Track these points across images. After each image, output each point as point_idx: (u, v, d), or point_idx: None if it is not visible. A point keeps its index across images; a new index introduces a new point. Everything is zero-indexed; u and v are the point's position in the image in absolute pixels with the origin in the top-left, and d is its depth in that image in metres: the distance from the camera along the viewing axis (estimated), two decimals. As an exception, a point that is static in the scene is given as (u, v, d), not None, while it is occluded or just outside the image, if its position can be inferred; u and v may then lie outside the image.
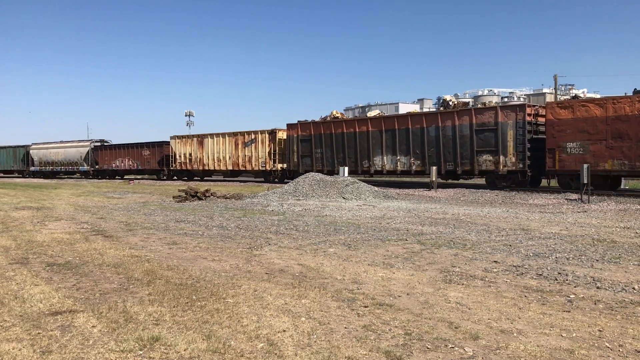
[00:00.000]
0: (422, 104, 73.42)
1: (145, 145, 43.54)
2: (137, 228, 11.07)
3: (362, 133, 27.40)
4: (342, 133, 28.39)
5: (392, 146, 26.14)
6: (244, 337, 4.17)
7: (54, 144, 53.09)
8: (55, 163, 51.22)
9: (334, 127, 28.98)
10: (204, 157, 37.82)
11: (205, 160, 37.67)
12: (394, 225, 11.28)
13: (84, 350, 3.90)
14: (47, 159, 52.07)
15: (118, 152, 45.88)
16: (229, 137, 36.20)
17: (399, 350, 3.87)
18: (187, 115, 62.02)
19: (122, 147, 45.56)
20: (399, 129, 25.80)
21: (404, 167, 25.84)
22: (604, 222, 11.70)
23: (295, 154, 30.83)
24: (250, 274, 6.51)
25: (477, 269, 6.71)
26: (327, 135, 29.22)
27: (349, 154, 27.95)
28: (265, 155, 33.65)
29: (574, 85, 63.09)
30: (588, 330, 4.34)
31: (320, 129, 29.58)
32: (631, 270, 6.64)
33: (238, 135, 35.58)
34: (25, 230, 10.73)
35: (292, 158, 31.09)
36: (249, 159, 34.74)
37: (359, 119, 29.56)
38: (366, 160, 27.28)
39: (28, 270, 6.75)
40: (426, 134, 24.77)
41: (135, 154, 43.97)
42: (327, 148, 29.16)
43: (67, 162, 50.37)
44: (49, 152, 52.24)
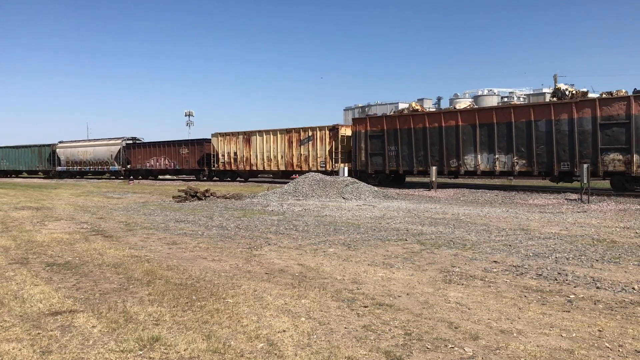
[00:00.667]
0: (422, 103, 73.39)
1: (184, 143, 40.62)
2: (137, 228, 11.07)
3: (449, 128, 23.91)
4: (423, 128, 24.84)
5: (489, 143, 22.68)
6: (244, 337, 4.17)
7: (82, 142, 50.36)
8: (84, 163, 48.33)
9: (413, 122, 25.28)
10: (251, 156, 34.74)
11: (252, 160, 34.57)
12: (393, 225, 11.28)
13: (84, 350, 3.90)
14: (75, 158, 49.12)
15: (153, 150, 42.73)
16: (281, 134, 32.99)
17: (399, 350, 3.87)
18: (187, 115, 62.06)
19: (158, 145, 42.54)
20: (497, 123, 22.35)
21: (504, 167, 22.40)
22: (603, 222, 11.70)
23: (363, 152, 27.30)
24: (250, 274, 6.51)
25: (477, 269, 6.71)
26: (405, 130, 25.60)
27: (432, 152, 24.54)
28: (325, 154, 30.42)
29: (574, 85, 63.10)
30: (588, 330, 4.34)
31: (395, 123, 26.04)
32: (631, 270, 6.64)
33: (292, 132, 32.42)
34: (25, 230, 10.73)
35: (359, 157, 27.55)
36: (305, 158, 31.50)
37: (445, 112, 25.58)
38: (454, 159, 23.86)
39: (28, 270, 6.75)
40: (534, 129, 21.27)
41: (172, 153, 41.00)
42: (403, 145, 25.62)
43: (96, 161, 47.42)
44: (77, 151, 49.23)
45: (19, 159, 54.02)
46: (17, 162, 54.20)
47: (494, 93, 66.46)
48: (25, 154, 53.95)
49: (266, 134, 34.02)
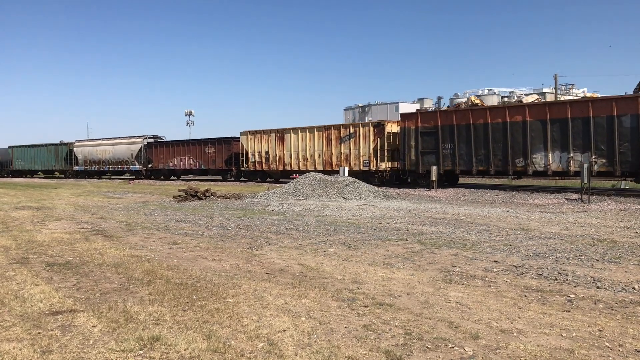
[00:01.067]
0: (422, 103, 73.41)
1: (210, 141, 38.15)
2: (137, 228, 11.07)
3: (515, 124, 21.85)
4: (484, 124, 22.67)
5: (562, 140, 20.71)
6: (244, 336, 4.17)
7: (100, 140, 48.08)
8: (103, 162, 46.31)
9: (472, 117, 23.10)
10: (284, 156, 32.24)
11: (286, 159, 32.09)
12: (394, 225, 11.28)
13: (84, 350, 3.90)
14: (93, 157, 47.16)
15: (176, 149, 40.47)
16: (319, 132, 30.55)
17: (399, 350, 3.87)
18: (187, 115, 62.08)
19: (182, 144, 40.51)
20: (572, 118, 20.35)
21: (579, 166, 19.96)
22: (604, 222, 11.70)
23: (413, 150, 25.08)
24: (251, 273, 6.51)
25: (477, 269, 6.72)
26: (463, 126, 23.44)
27: (494, 150, 22.44)
28: (369, 152, 27.83)
29: (574, 85, 63.13)
30: (588, 330, 4.35)
31: (451, 118, 23.90)
32: (631, 270, 6.64)
33: (332, 129, 30.06)
34: (26, 230, 10.73)
35: (408, 155, 25.27)
36: (345, 157, 29.08)
37: (510, 107, 23.13)
38: (521, 158, 21.75)
39: (28, 270, 6.75)
40: (617, 125, 19.36)
41: (197, 152, 38.73)
42: (461, 143, 23.48)
43: (115, 160, 45.33)
44: (95, 150, 47.16)
45: (35, 159, 52.32)
46: (33, 162, 52.56)
47: (494, 93, 66.41)
48: (41, 153, 52.06)
49: (302, 132, 31.60)
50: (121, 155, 44.86)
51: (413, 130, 25.21)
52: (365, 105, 72.68)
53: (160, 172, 42.20)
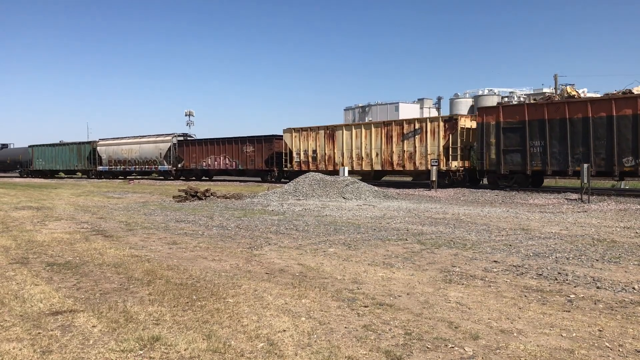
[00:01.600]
0: (422, 103, 73.44)
1: (249, 140, 35.46)
2: (137, 228, 11.08)
3: (623, 118, 19.20)
4: (584, 118, 20.11)
5: None
6: (244, 336, 4.17)
7: (126, 139, 45.44)
8: (129, 162, 43.90)
9: (569, 110, 20.47)
10: (335, 154, 29.51)
11: (337, 158, 29.38)
12: (394, 225, 11.28)
13: (84, 350, 3.90)
14: (118, 157, 44.77)
15: (210, 148, 37.86)
16: (376, 128, 27.89)
17: (399, 350, 3.87)
18: (187, 115, 62.08)
19: (216, 143, 37.62)
20: None
21: None
22: (604, 222, 11.70)
23: (493, 147, 22.48)
24: (251, 273, 6.51)
25: (477, 269, 6.72)
26: (556, 121, 20.84)
27: (596, 148, 19.82)
28: (438, 150, 25.09)
29: (574, 85, 63.08)
30: (588, 330, 4.35)
31: (541, 112, 21.27)
32: (631, 270, 6.64)
33: (393, 124, 27.42)
34: (26, 230, 10.73)
35: (487, 154, 22.73)
36: (409, 155, 26.15)
37: (618, 98, 19.95)
38: (630, 157, 19.17)
39: (28, 270, 6.75)
40: None
41: (233, 151, 36.11)
42: (553, 139, 20.92)
43: (142, 160, 42.80)
44: (121, 149, 44.69)
45: (57, 158, 50.03)
46: (55, 162, 50.24)
47: (494, 93, 66.43)
48: (63, 152, 49.69)
49: (356, 128, 28.95)
50: (149, 154, 42.33)
51: (493, 126, 22.55)
52: (365, 105, 72.69)
53: (191, 173, 39.82)
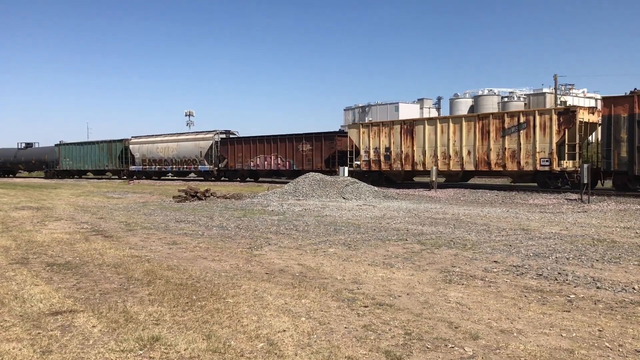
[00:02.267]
0: (422, 103, 73.45)
1: (306, 137, 31.81)
2: (137, 228, 11.07)
3: None
4: None
5: None
6: (244, 337, 4.17)
7: (162, 136, 42.31)
8: (165, 161, 40.97)
9: None
10: (414, 153, 25.51)
11: (417, 157, 25.37)
12: (394, 225, 11.28)
13: (84, 350, 3.90)
14: (153, 156, 41.70)
15: (259, 146, 34.40)
16: (468, 122, 23.88)
17: (399, 350, 3.87)
18: (187, 115, 62.07)
19: (266, 141, 34.06)
20: None
21: None
22: (604, 222, 11.70)
23: (624, 144, 19.13)
24: (250, 274, 6.51)
25: (477, 269, 6.71)
26: None
27: None
28: (550, 147, 21.22)
29: (574, 85, 63.18)
30: (588, 330, 4.34)
31: None
32: (631, 270, 6.64)
33: (490, 117, 23.50)
34: (25, 230, 10.73)
35: (615, 152, 19.36)
36: (512, 153, 22.30)
37: None
38: None
39: (28, 270, 6.75)
40: None
41: (287, 150, 32.69)
42: None
43: (181, 159, 39.71)
44: (156, 148, 41.56)
45: (85, 157, 47.20)
46: (83, 161, 47.40)
47: (494, 93, 66.45)
48: (92, 151, 46.74)
49: (442, 122, 24.91)
50: (188, 153, 39.04)
51: (626, 119, 19.16)
52: (365, 105, 72.71)
53: (236, 173, 36.36)
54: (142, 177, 42.53)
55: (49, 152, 51.96)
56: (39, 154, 52.99)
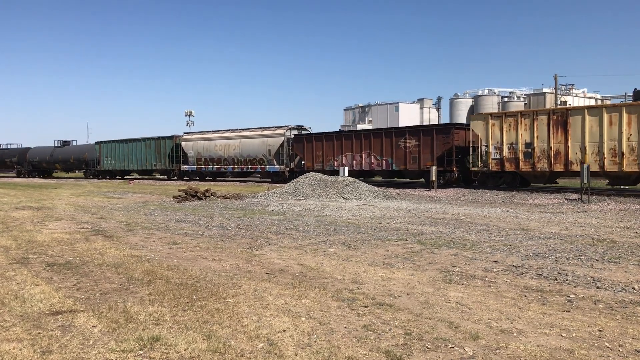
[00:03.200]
0: (422, 103, 73.44)
1: (410, 131, 26.91)
2: (137, 228, 11.07)
3: None
4: None
5: None
6: (244, 337, 4.17)
7: (220, 133, 37.81)
8: (225, 160, 36.24)
9: None
10: (569, 149, 20.49)
11: (572, 155, 20.39)
12: (394, 225, 11.28)
13: (84, 350, 3.90)
14: (210, 154, 37.14)
15: (344, 143, 29.40)
16: None
17: (399, 350, 3.87)
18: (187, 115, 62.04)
19: (354, 136, 29.28)
20: None
21: None
22: (603, 222, 11.70)
23: None
24: (251, 274, 6.51)
25: (477, 269, 6.72)
26: None
27: None
28: None
29: (574, 85, 63.15)
30: (588, 330, 4.35)
31: None
32: (631, 270, 6.64)
33: None
34: (26, 230, 10.73)
35: None
36: None
37: None
38: None
39: (28, 270, 6.75)
40: None
41: (383, 146, 27.37)
42: None
43: (244, 159, 34.84)
44: (214, 146, 36.88)
45: (129, 156, 43.21)
46: (127, 160, 43.38)
47: (494, 93, 66.44)
48: (137, 149, 42.51)
49: (610, 112, 19.64)
50: (253, 151, 34.15)
51: None
52: (365, 105, 72.69)
53: None
54: (195, 177, 38.62)
55: (89, 151, 47.62)
56: (77, 152, 48.73)
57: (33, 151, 53.01)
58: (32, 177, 51.78)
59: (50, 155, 50.19)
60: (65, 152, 49.67)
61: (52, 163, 50.50)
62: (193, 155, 38.25)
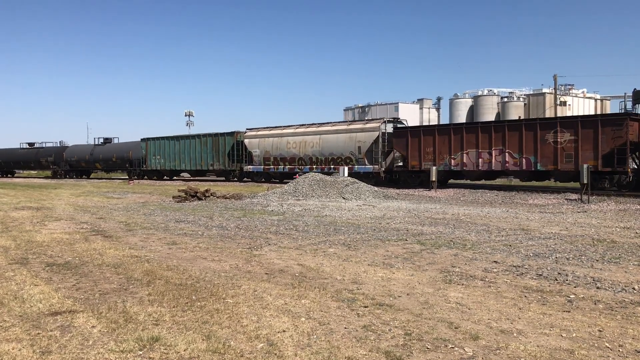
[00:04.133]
0: (422, 103, 73.44)
1: (562, 122, 21.77)
2: (137, 228, 11.06)
3: None
4: None
5: None
6: (243, 337, 4.16)
7: (293, 128, 32.71)
8: (300, 160, 31.15)
9: None
10: None
11: None
12: (393, 225, 11.27)
13: (83, 351, 3.90)
14: (281, 153, 32.11)
15: (465, 137, 24.15)
16: None
17: (399, 351, 3.87)
18: (187, 115, 62.02)
19: (481, 129, 23.94)
20: None
21: None
22: (603, 222, 11.70)
23: None
24: (250, 274, 6.50)
25: (477, 269, 6.71)
26: None
27: None
28: None
29: (574, 85, 63.13)
30: (588, 330, 4.34)
31: None
32: (631, 270, 6.64)
33: None
34: (25, 231, 10.72)
35: None
36: None
37: None
38: None
39: (28, 271, 6.74)
40: None
41: (523, 141, 22.30)
42: None
43: (325, 157, 29.84)
44: (286, 143, 31.99)
45: (180, 155, 39.02)
46: (178, 159, 39.20)
47: (494, 93, 66.43)
48: (190, 147, 38.33)
49: None
50: (338, 149, 29.20)
51: None
52: (365, 105, 72.67)
53: (419, 176, 25.93)
54: (260, 179, 33.92)
55: (133, 148, 43.01)
56: (120, 150, 44.30)
57: (71, 149, 48.76)
58: (70, 177, 47.66)
59: (90, 154, 46.09)
60: (106, 151, 45.23)
61: (91, 162, 46.34)
62: (259, 154, 33.08)
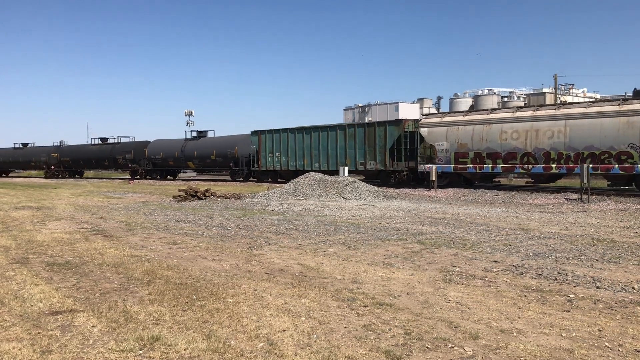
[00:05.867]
0: (422, 103, 73.45)
1: None
2: (137, 228, 11.07)
3: None
4: None
5: None
6: (244, 336, 4.17)
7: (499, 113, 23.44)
8: (527, 157, 21.18)
9: None
10: None
11: None
12: (393, 224, 11.28)
13: (84, 350, 3.90)
14: (490, 146, 22.12)
15: None
16: None
17: (399, 350, 3.87)
18: (187, 115, 62.00)
19: None
20: None
21: None
22: (603, 222, 11.70)
23: None
24: (250, 273, 6.51)
25: (477, 269, 6.71)
26: None
27: None
28: None
29: (574, 85, 63.16)
30: (588, 330, 4.34)
31: None
32: (631, 270, 6.64)
33: None
34: (25, 230, 10.73)
35: None
36: None
37: None
38: None
39: (28, 270, 6.75)
40: None
41: None
42: None
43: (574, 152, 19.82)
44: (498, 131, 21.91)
45: (312, 151, 29.79)
46: (308, 157, 29.93)
47: (494, 93, 66.45)
48: (328, 141, 29.01)
49: None
50: (603, 140, 19.17)
51: None
52: (365, 105, 72.67)
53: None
54: (443, 182, 23.86)
55: (239, 143, 34.69)
56: (222, 145, 36.05)
57: (154, 145, 41.14)
58: (153, 178, 40.96)
59: (180, 151, 38.32)
60: (203, 146, 37.09)
61: (182, 161, 38.60)
62: (447, 148, 23.61)
